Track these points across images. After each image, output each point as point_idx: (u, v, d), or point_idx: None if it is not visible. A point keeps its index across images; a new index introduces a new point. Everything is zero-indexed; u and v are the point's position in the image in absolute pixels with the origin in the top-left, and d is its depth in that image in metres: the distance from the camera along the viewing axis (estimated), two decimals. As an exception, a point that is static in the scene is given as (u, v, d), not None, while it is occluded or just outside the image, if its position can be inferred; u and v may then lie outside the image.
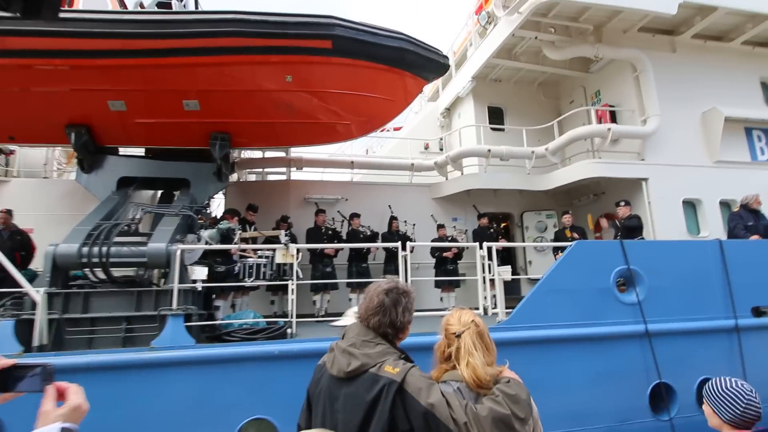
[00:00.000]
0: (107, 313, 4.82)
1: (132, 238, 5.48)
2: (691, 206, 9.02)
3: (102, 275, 5.11)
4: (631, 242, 6.01)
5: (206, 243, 5.43)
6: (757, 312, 6.12)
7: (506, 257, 9.43)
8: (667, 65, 9.45)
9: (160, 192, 7.59)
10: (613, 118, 9.63)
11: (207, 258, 6.06)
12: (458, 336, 1.72)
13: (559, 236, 8.81)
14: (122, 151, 7.57)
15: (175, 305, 4.68)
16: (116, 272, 5.24)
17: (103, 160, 6.94)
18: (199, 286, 5.20)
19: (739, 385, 1.95)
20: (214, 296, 6.32)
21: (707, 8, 9.08)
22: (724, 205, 9.08)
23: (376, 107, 7.33)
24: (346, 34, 6.29)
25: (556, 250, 8.62)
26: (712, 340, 5.73)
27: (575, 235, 8.17)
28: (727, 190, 9.04)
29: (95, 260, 5.00)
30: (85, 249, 5.02)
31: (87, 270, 5.11)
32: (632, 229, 7.25)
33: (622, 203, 7.77)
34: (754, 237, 6.93)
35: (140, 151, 7.60)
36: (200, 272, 5.25)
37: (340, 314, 7.64)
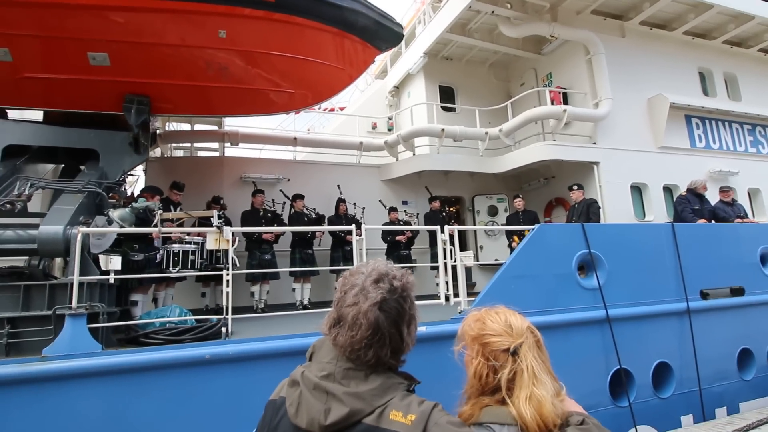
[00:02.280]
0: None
1: (19, 219, 4.45)
2: (637, 190, 9.28)
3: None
4: (591, 225, 5.92)
5: (118, 226, 4.53)
6: (703, 295, 6.30)
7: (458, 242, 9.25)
8: (617, 49, 9.57)
9: (62, 166, 6.43)
10: (565, 101, 9.64)
11: (121, 244, 5.17)
12: (514, 354, 1.17)
13: (511, 220, 8.73)
14: (12, 114, 6.33)
15: (74, 303, 3.80)
16: (-4, 262, 4.21)
17: (-19, 124, 5.70)
18: (110, 278, 4.34)
19: None
20: (131, 289, 5.45)
21: (657, -8, 9.27)
22: (667, 190, 9.44)
23: (324, 75, 6.72)
24: (290, -13, 5.56)
25: (509, 235, 8.51)
26: (667, 324, 5.80)
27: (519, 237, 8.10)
28: (670, 175, 9.40)
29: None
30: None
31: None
32: (593, 215, 7.23)
33: (575, 187, 7.76)
34: (701, 221, 7.15)
35: (38, 115, 6.38)
36: (116, 261, 4.40)
37: (281, 306, 7.06)
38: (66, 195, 4.94)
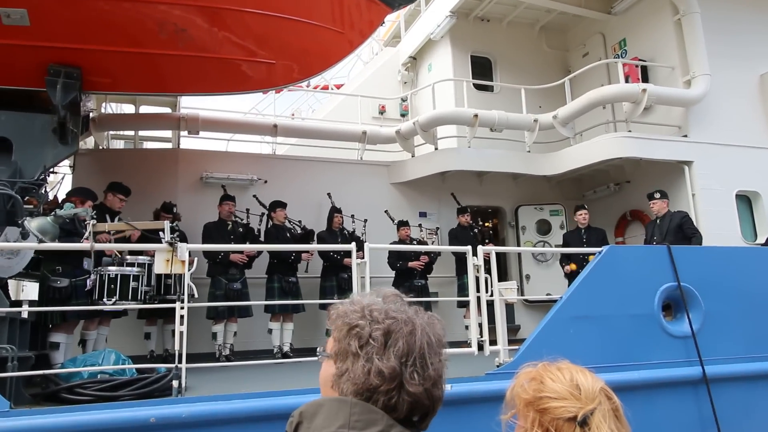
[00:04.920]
0: None
1: None
2: (745, 201, 9.27)
3: None
4: (681, 249, 5.94)
5: (37, 240, 4.62)
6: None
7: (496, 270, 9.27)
8: (717, 7, 9.62)
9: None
10: (644, 78, 9.70)
11: (39, 265, 5.25)
12: (583, 424, 1.18)
13: (570, 240, 8.73)
14: None
15: (-25, 343, 3.88)
16: None
17: None
18: (23, 309, 4.41)
19: None
20: (50, 326, 5.55)
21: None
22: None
23: (315, 41, 6.90)
24: None
25: (565, 261, 8.51)
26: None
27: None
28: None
29: None
30: None
31: None
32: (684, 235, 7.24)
33: (657, 195, 7.83)
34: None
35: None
36: (31, 289, 4.48)
37: (254, 353, 7.09)
38: (-33, 198, 5.05)
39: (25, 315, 4.50)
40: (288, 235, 7.86)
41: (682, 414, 5.33)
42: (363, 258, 5.15)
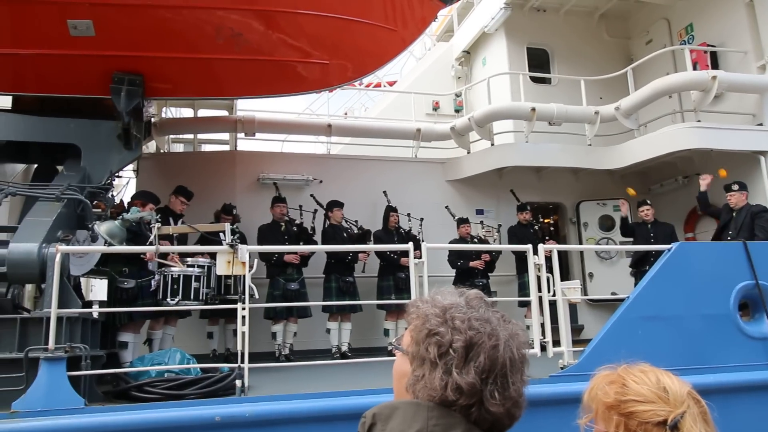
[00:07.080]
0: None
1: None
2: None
3: None
4: (759, 245, 5.73)
5: (104, 242, 4.84)
6: None
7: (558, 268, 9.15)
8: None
9: (35, 166, 7.01)
10: (714, 64, 9.33)
11: (107, 266, 5.51)
12: (674, 428, 1.18)
13: (637, 233, 8.51)
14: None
15: (51, 343, 4.08)
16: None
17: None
18: (94, 310, 4.63)
19: None
20: (119, 326, 5.80)
21: None
22: None
23: (368, 40, 6.96)
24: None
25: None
26: None
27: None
28: None
29: None
30: None
31: None
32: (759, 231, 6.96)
33: (735, 187, 7.59)
34: None
35: (4, 102, 6.96)
36: (99, 289, 4.70)
37: (312, 353, 7.20)
38: (41, 204, 5.33)
39: (95, 315, 4.72)
40: (345, 235, 7.95)
41: (762, 421, 5.09)
42: (420, 257, 5.17)
